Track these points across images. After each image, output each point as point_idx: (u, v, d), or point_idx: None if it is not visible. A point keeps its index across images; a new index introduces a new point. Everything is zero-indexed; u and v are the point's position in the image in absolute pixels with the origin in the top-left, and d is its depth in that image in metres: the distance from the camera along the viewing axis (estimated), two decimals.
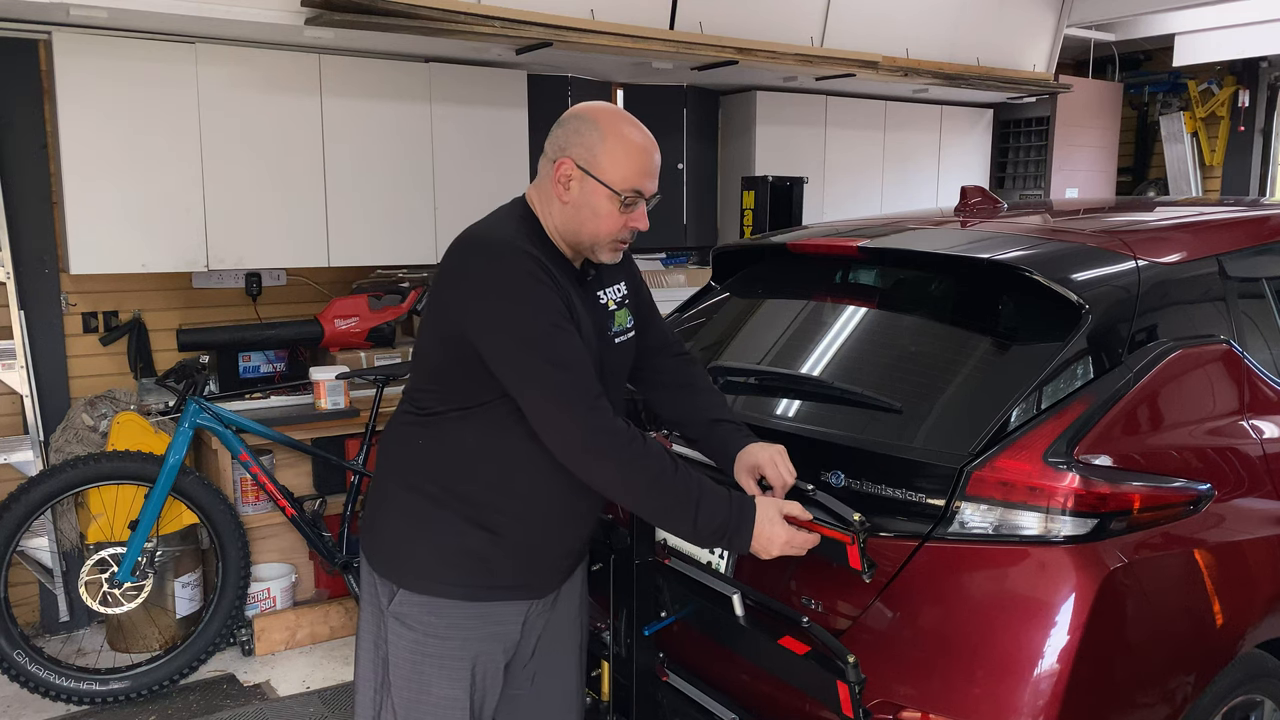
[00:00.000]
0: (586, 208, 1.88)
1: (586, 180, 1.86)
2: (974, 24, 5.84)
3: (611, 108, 1.96)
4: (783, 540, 1.85)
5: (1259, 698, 2.16)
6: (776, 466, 2.04)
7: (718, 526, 1.83)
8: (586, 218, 1.88)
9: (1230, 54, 6.48)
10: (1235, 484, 2.12)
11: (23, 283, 4.02)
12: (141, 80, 3.86)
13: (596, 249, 1.93)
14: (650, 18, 4.56)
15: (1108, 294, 2.12)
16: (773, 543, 1.85)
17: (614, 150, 1.86)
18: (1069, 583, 1.83)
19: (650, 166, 1.90)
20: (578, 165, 1.87)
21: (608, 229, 1.89)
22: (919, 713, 1.89)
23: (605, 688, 2.35)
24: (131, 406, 4.05)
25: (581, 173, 1.87)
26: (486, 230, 1.92)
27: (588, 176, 1.86)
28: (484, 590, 1.93)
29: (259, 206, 4.15)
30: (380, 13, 3.72)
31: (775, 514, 1.86)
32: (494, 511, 1.92)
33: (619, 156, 1.86)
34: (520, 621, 2.00)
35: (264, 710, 3.58)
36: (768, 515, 1.86)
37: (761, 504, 1.87)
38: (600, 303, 2.00)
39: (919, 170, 6.49)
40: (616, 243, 1.93)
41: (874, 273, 2.58)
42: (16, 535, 3.51)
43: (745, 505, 1.86)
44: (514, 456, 1.90)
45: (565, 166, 1.88)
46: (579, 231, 1.91)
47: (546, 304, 1.80)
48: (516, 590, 1.97)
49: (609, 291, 2.04)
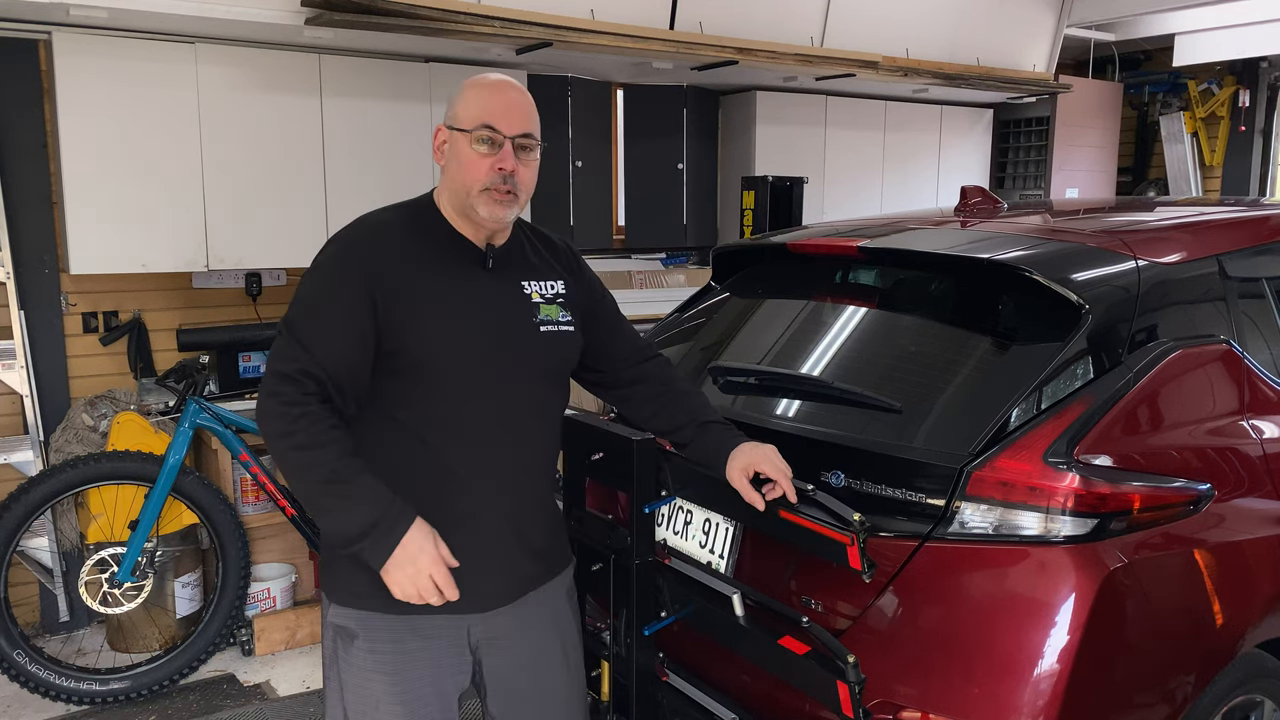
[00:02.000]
0: (454, 161, 1.91)
1: (452, 135, 1.91)
2: (974, 24, 5.84)
3: (479, 74, 1.99)
4: (425, 571, 1.74)
5: (1259, 698, 2.16)
6: (773, 462, 2.04)
7: (359, 528, 1.73)
8: (455, 172, 1.91)
9: (1230, 54, 6.48)
10: (1235, 484, 2.12)
11: (23, 283, 4.02)
12: (141, 80, 3.86)
13: (473, 204, 1.88)
14: (650, 18, 4.56)
15: (1108, 294, 2.12)
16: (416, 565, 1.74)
17: (465, 97, 1.91)
18: (1069, 583, 1.83)
19: (501, 104, 1.90)
20: (446, 126, 1.93)
21: (473, 175, 1.88)
22: (919, 713, 1.89)
23: (605, 688, 2.35)
24: (131, 406, 4.06)
25: (448, 130, 1.92)
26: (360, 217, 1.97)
27: (451, 131, 1.91)
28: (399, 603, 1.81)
29: (259, 206, 4.15)
30: (380, 13, 3.72)
31: (430, 539, 1.76)
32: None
33: (469, 100, 1.90)
34: (462, 638, 1.93)
35: (264, 710, 3.58)
36: (425, 529, 1.76)
37: (421, 522, 1.77)
38: (524, 292, 1.99)
39: (919, 170, 6.49)
40: (490, 191, 1.87)
41: (874, 273, 2.58)
42: (16, 535, 3.52)
43: (404, 513, 1.75)
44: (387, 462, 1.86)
45: (439, 134, 1.94)
46: (457, 190, 1.91)
47: (327, 287, 1.85)
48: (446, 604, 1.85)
49: (536, 284, 2.01)
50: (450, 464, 1.89)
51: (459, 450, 1.89)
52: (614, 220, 5.72)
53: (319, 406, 1.78)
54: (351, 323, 1.82)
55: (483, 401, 1.90)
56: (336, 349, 1.81)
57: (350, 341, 1.82)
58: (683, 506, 2.44)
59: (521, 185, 1.91)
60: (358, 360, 1.83)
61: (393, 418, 1.88)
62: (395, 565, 1.74)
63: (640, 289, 5.60)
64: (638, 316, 5.39)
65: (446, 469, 1.89)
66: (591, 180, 5.47)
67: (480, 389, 1.89)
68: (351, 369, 1.82)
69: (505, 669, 2.00)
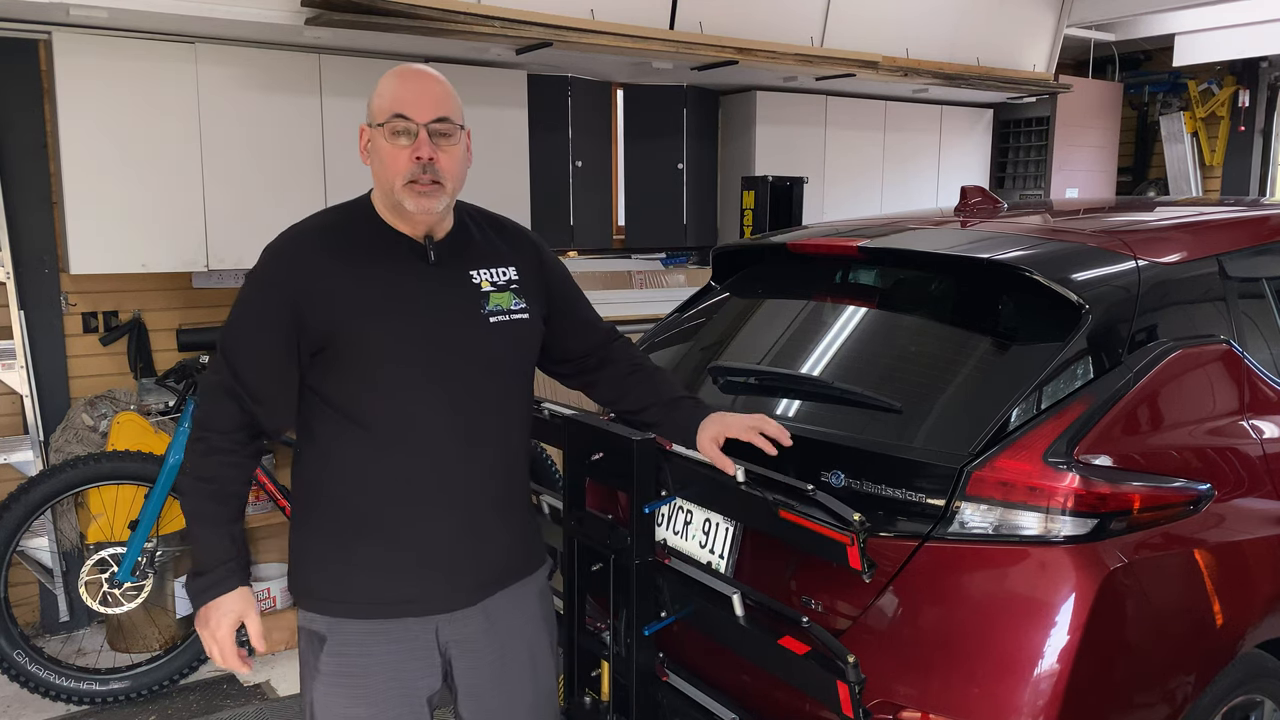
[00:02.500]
0: (375, 158, 1.88)
1: (371, 132, 1.88)
2: (974, 24, 5.84)
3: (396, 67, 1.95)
4: (209, 636, 1.85)
5: (1259, 698, 2.16)
6: (742, 422, 2.06)
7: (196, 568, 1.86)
8: (378, 169, 1.88)
9: (1230, 54, 6.48)
10: (1235, 484, 2.12)
11: (23, 283, 4.02)
12: (141, 80, 3.86)
13: (399, 197, 1.85)
14: (650, 18, 4.56)
15: (1108, 294, 2.12)
16: (205, 628, 1.85)
17: (378, 90, 1.89)
18: (1069, 583, 1.83)
19: (411, 91, 1.85)
20: (366, 125, 1.90)
21: (393, 169, 1.84)
22: (919, 713, 1.89)
23: (605, 688, 2.35)
24: (131, 406, 4.06)
25: (368, 128, 1.89)
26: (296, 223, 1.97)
27: (370, 128, 1.89)
28: (366, 607, 1.87)
29: (259, 206, 4.14)
30: (380, 13, 3.72)
31: (230, 618, 1.84)
32: (344, 524, 1.89)
33: (380, 92, 1.88)
34: (431, 640, 1.92)
35: (264, 710, 3.58)
36: (228, 608, 1.84)
37: (236, 597, 1.85)
38: (472, 282, 1.94)
39: (919, 170, 6.49)
40: (414, 184, 1.84)
41: (874, 273, 2.58)
42: (16, 535, 3.51)
43: (223, 581, 1.84)
44: (340, 465, 1.88)
45: (363, 134, 1.91)
46: (384, 187, 1.88)
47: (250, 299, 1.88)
48: (407, 606, 1.89)
49: (485, 273, 1.96)
50: (402, 465, 1.86)
51: (409, 450, 1.86)
52: (614, 220, 5.72)
53: (222, 436, 1.84)
54: (270, 335, 1.83)
55: (429, 400, 1.86)
56: (253, 364, 1.84)
57: (269, 354, 1.84)
58: (683, 506, 2.44)
59: (446, 173, 1.85)
60: (281, 371, 1.85)
61: (333, 421, 1.87)
62: (199, 619, 1.87)
63: (640, 289, 5.60)
64: (638, 316, 5.42)
65: (398, 470, 1.86)
66: (591, 180, 5.47)
67: (425, 387, 1.86)
68: (274, 381, 1.85)
69: (473, 671, 1.98)
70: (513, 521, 2.02)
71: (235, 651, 1.86)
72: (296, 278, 1.83)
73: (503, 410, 1.97)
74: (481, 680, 1.99)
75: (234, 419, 1.84)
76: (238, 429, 1.85)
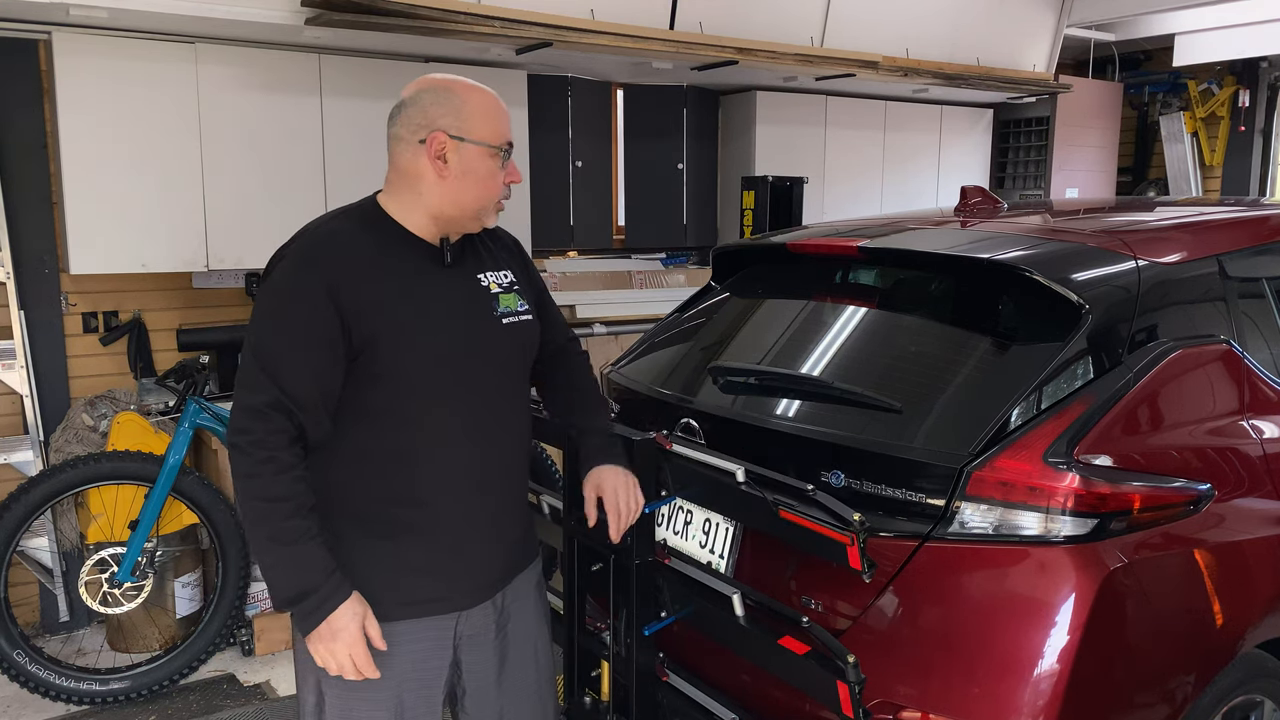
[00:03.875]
0: (470, 175, 1.86)
1: (463, 147, 1.85)
2: (974, 24, 5.84)
3: (450, 75, 1.94)
4: (343, 650, 1.77)
5: (1259, 698, 2.16)
6: (617, 494, 2.08)
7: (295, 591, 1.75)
8: (471, 185, 1.87)
9: (1230, 54, 6.48)
10: (1235, 484, 2.12)
11: (23, 283, 4.02)
12: (141, 80, 3.86)
13: (483, 214, 1.91)
14: (650, 18, 4.56)
15: (1108, 294, 2.12)
16: (335, 642, 1.76)
17: (478, 110, 1.87)
18: (1069, 583, 1.83)
19: (505, 117, 1.93)
20: (450, 135, 1.85)
21: (492, 190, 1.89)
22: (919, 713, 1.89)
23: (605, 688, 2.35)
24: (131, 406, 4.06)
25: (456, 141, 1.85)
26: (307, 227, 1.90)
27: (464, 143, 1.85)
28: (384, 611, 1.85)
29: (259, 206, 4.14)
30: (380, 13, 3.72)
31: (357, 621, 1.77)
32: (371, 525, 1.88)
33: (487, 114, 1.88)
34: (447, 637, 1.94)
35: (264, 710, 3.58)
36: (353, 611, 1.77)
37: (355, 600, 1.78)
38: (481, 284, 1.96)
39: (919, 170, 6.49)
40: (499, 203, 1.94)
41: (874, 273, 2.58)
42: (16, 535, 3.51)
43: (338, 589, 1.76)
44: (363, 466, 1.86)
45: (438, 140, 1.84)
46: (464, 203, 1.88)
47: (289, 308, 1.79)
48: (433, 605, 1.91)
49: (491, 275, 1.99)
50: (427, 466, 1.87)
51: (435, 452, 1.87)
52: (614, 220, 5.72)
53: (284, 451, 1.76)
54: (318, 344, 1.77)
55: (456, 401, 1.88)
56: (304, 375, 1.77)
57: (318, 364, 1.78)
58: (683, 506, 2.44)
59: None
60: (329, 380, 1.80)
61: (367, 423, 1.85)
62: (317, 638, 1.77)
63: (640, 289, 5.60)
64: (638, 316, 5.43)
65: (423, 472, 1.87)
66: (591, 180, 5.47)
67: (453, 389, 1.88)
68: (323, 391, 1.80)
69: (480, 666, 2.01)
70: (523, 516, 2.09)
71: (369, 656, 1.80)
72: (338, 286, 1.78)
73: (515, 408, 2.02)
74: (488, 671, 2.02)
75: (289, 434, 1.77)
76: (294, 443, 1.78)
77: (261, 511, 1.75)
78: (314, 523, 1.77)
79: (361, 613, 1.79)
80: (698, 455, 2.22)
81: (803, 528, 1.95)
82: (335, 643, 1.77)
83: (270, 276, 1.85)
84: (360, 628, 1.78)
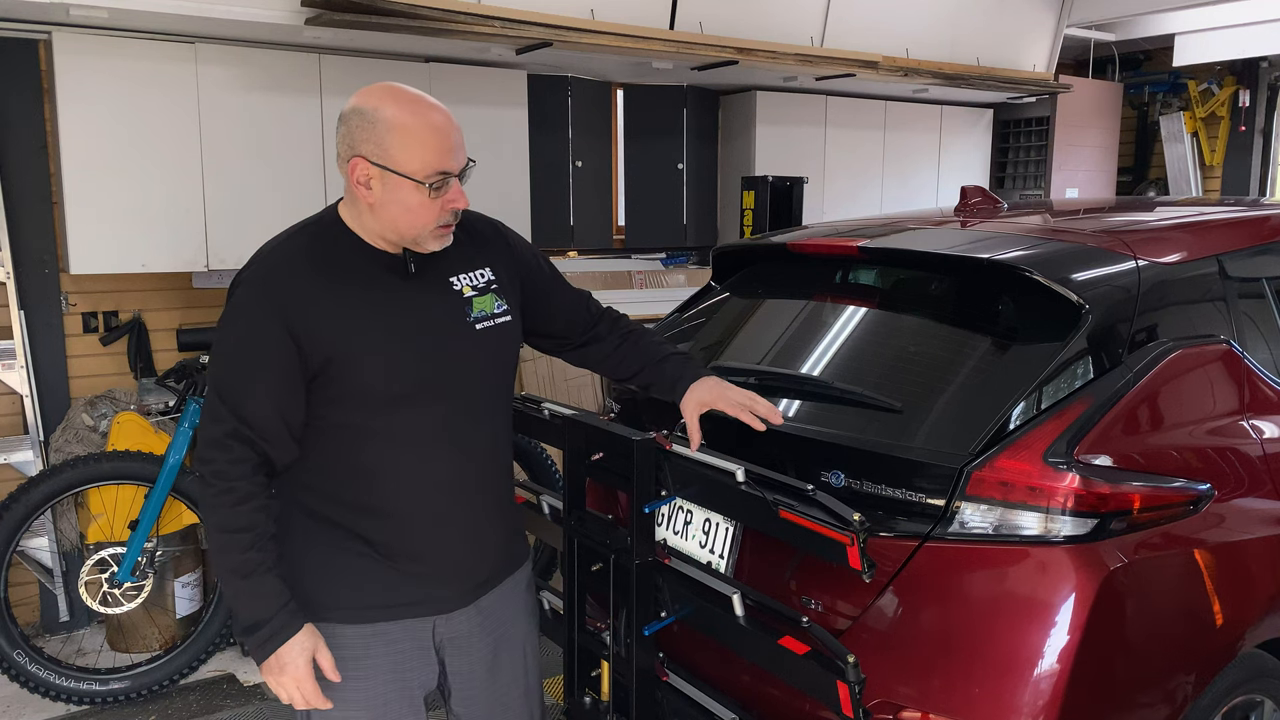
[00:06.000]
0: (395, 204, 1.76)
1: (387, 176, 1.74)
2: (974, 24, 5.84)
3: (392, 89, 1.79)
4: (291, 683, 1.79)
5: (1259, 698, 2.16)
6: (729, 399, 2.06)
7: (250, 621, 1.77)
8: (399, 214, 1.77)
9: (1230, 54, 6.48)
10: (1235, 484, 2.12)
11: (23, 283, 4.02)
12: (141, 80, 3.86)
13: (421, 240, 1.81)
14: (650, 18, 4.56)
15: (1108, 294, 2.12)
16: (283, 675, 1.79)
17: (405, 139, 1.73)
18: (1069, 583, 1.83)
19: (449, 144, 1.77)
20: (372, 163, 1.74)
21: (424, 219, 1.78)
22: (919, 713, 1.89)
23: (605, 688, 2.35)
24: (131, 406, 4.05)
25: (380, 170, 1.74)
26: (263, 248, 1.87)
27: (386, 172, 1.74)
28: (363, 612, 1.87)
29: (259, 206, 4.14)
30: (380, 13, 3.72)
31: (305, 655, 1.79)
32: (343, 534, 1.87)
33: (412, 144, 1.73)
34: (427, 640, 1.93)
35: (264, 710, 3.58)
36: (301, 646, 1.78)
37: (305, 634, 1.79)
38: (454, 289, 1.90)
39: (919, 170, 6.49)
40: (439, 229, 1.82)
41: (874, 273, 2.58)
42: (16, 535, 3.51)
43: (288, 624, 1.77)
44: (336, 482, 1.86)
45: (360, 167, 1.75)
46: (398, 229, 1.79)
47: (245, 336, 1.78)
48: (409, 608, 1.90)
49: (464, 278, 1.92)
50: (392, 478, 1.85)
51: (401, 463, 1.85)
52: (614, 220, 5.72)
53: (245, 481, 1.76)
54: (275, 371, 1.76)
55: (426, 415, 1.85)
56: (263, 403, 1.76)
57: (277, 391, 1.76)
58: (683, 506, 2.44)
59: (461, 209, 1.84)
60: (290, 406, 1.78)
61: (330, 436, 1.84)
62: (267, 669, 1.80)
63: (640, 289, 5.60)
64: (638, 316, 5.40)
65: (388, 483, 1.86)
66: (591, 180, 5.47)
67: (421, 403, 1.85)
68: (285, 418, 1.79)
69: (467, 668, 2.00)
70: (506, 519, 2.05)
71: (318, 689, 1.81)
72: (288, 308, 1.76)
73: (493, 412, 1.98)
74: (476, 674, 2.02)
75: (251, 463, 1.77)
76: (255, 472, 1.78)
77: (221, 543, 1.78)
78: (270, 554, 1.79)
79: (311, 646, 1.80)
80: (698, 455, 2.22)
81: (803, 528, 1.95)
82: (283, 675, 1.79)
83: (227, 304, 1.84)
84: (308, 661, 1.80)
